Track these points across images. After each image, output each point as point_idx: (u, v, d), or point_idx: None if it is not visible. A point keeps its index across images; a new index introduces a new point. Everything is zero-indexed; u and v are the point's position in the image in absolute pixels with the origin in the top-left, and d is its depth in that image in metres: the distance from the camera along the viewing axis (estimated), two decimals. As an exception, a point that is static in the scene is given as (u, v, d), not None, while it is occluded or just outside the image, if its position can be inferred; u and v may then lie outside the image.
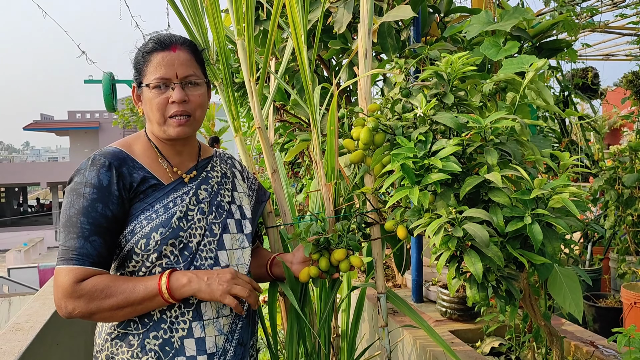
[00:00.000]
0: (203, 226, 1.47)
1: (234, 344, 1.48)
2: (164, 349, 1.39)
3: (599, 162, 3.98)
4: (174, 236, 1.40)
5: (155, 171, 1.45)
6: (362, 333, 2.92)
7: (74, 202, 1.35)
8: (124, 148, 1.45)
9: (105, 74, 9.57)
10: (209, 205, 1.50)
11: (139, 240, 1.37)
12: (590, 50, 7.07)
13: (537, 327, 2.08)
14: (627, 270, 4.10)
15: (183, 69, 1.42)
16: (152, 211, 1.40)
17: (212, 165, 1.58)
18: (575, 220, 1.33)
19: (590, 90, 4.94)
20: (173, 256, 1.41)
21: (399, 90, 1.52)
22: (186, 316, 1.41)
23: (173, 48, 1.42)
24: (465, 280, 1.38)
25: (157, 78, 1.40)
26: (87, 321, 2.97)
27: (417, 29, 2.42)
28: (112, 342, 1.41)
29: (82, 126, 33.56)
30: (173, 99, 1.40)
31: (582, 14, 4.67)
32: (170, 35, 1.46)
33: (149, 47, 1.43)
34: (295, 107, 2.92)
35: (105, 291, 1.32)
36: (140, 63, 1.44)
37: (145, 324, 1.40)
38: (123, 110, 12.95)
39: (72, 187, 1.37)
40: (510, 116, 1.35)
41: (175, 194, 1.44)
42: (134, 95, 1.50)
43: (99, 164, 1.37)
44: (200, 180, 1.51)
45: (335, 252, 1.58)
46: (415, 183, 1.32)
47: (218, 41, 1.71)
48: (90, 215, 1.33)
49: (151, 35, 1.48)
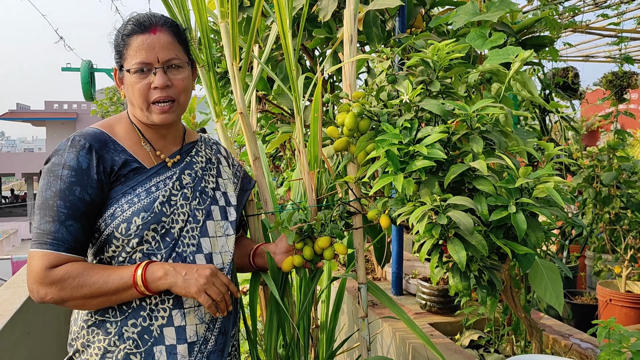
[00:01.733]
0: (186, 212, 1.42)
1: (215, 333, 1.44)
2: (142, 337, 1.35)
3: (578, 161, 4.02)
4: (156, 221, 1.35)
5: (137, 154, 1.40)
6: (341, 325, 2.90)
7: (51, 184, 1.29)
8: (106, 129, 1.39)
9: (84, 62, 9.41)
10: (193, 190, 1.46)
11: (120, 224, 1.33)
12: (572, 51, 7.16)
13: (516, 320, 2.08)
14: (602, 268, 4.16)
15: (164, 53, 1.36)
16: (134, 195, 1.35)
17: (197, 150, 1.54)
18: (559, 211, 1.32)
19: (570, 89, 4.99)
20: (154, 242, 1.36)
21: (385, 76, 1.49)
22: (166, 304, 1.37)
23: (153, 30, 1.36)
24: (447, 269, 1.36)
25: (137, 63, 1.34)
26: (60, 310, 2.92)
27: (402, 20, 2.40)
28: (89, 330, 1.36)
29: (59, 117, 32.96)
30: (155, 84, 1.35)
31: (565, 13, 4.71)
32: (150, 15, 1.39)
33: (129, 29, 1.36)
34: (278, 96, 2.88)
35: (78, 279, 1.28)
36: (120, 46, 1.38)
37: (124, 311, 1.35)
38: (102, 99, 12.73)
39: (49, 168, 1.31)
40: (497, 104, 1.33)
41: (157, 178, 1.40)
42: (116, 78, 1.45)
43: (79, 145, 1.32)
44: (184, 165, 1.47)
45: (319, 239, 1.56)
46: (399, 170, 1.30)
47: (200, 22, 1.67)
48: (68, 198, 1.29)
49: (130, 15, 1.41)
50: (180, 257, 1.39)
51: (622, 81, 6.61)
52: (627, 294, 3.68)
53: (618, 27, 5.82)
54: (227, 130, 1.83)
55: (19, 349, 2.21)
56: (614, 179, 3.44)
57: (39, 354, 2.48)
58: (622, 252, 3.67)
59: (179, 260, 1.39)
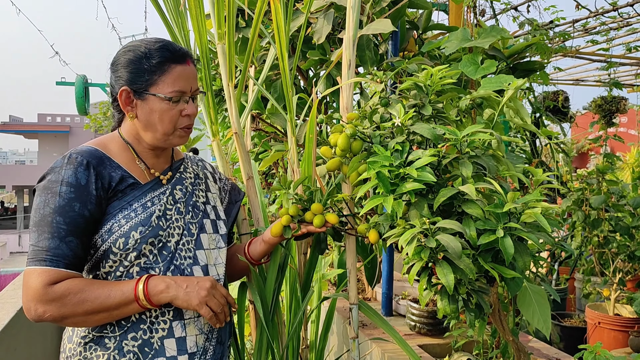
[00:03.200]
0: (181, 225, 1.45)
1: (214, 343, 1.46)
2: (143, 350, 1.35)
3: (567, 183, 4.06)
4: (153, 235, 1.37)
5: (132, 171, 1.42)
6: (330, 346, 2.90)
7: (49, 201, 1.30)
8: (100, 147, 1.41)
9: (79, 76, 9.43)
10: (185, 205, 1.49)
11: (117, 239, 1.34)
12: (562, 75, 7.27)
13: (504, 343, 2.09)
14: (592, 291, 4.17)
15: (195, 83, 1.44)
16: (131, 210, 1.37)
17: (185, 166, 1.57)
18: (546, 236, 1.34)
19: (560, 113, 5.07)
20: (152, 255, 1.38)
21: (379, 99, 1.52)
22: (167, 316, 1.38)
23: (188, 61, 1.43)
24: (436, 292, 1.38)
25: (176, 91, 1.38)
26: (47, 326, 2.89)
27: (395, 44, 2.44)
28: (86, 347, 1.36)
29: (52, 129, 32.89)
30: (187, 112, 1.41)
31: (555, 39, 4.80)
32: (178, 46, 1.45)
33: (166, 56, 1.39)
34: (271, 116, 2.90)
35: (79, 295, 1.28)
36: (152, 71, 1.37)
37: (123, 325, 1.35)
38: (96, 114, 12.72)
39: (46, 185, 1.31)
40: (487, 130, 1.36)
41: (152, 193, 1.43)
42: (121, 99, 1.40)
43: (77, 162, 1.33)
44: (175, 181, 1.50)
45: (313, 205, 1.55)
46: (389, 192, 1.32)
47: (200, 43, 1.69)
48: (68, 214, 1.29)
49: (156, 41, 1.42)
50: (178, 270, 1.41)
51: (611, 106, 6.70)
52: (615, 317, 3.70)
53: (607, 52, 5.93)
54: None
55: (5, 365, 2.19)
56: (602, 202, 3.48)
57: (25, 370, 2.45)
58: (611, 275, 3.69)
59: (177, 272, 1.40)
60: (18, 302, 2.58)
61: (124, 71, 1.39)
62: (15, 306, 2.51)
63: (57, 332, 3.20)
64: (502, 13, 4.94)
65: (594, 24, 5.23)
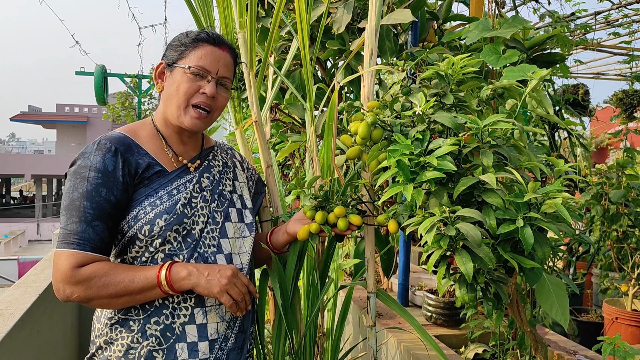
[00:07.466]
0: (206, 214, 1.47)
1: (235, 331, 1.49)
2: (165, 335, 1.38)
3: (586, 177, 4.02)
4: (178, 222, 1.39)
5: (160, 158, 1.45)
6: (345, 335, 2.91)
7: (78, 186, 1.33)
8: (130, 134, 1.44)
9: (98, 66, 9.51)
10: (211, 193, 1.51)
11: (143, 226, 1.36)
12: (582, 68, 7.17)
13: (521, 335, 2.09)
14: (609, 286, 4.14)
15: (223, 70, 1.46)
16: (156, 197, 1.39)
17: (214, 154, 1.59)
18: (567, 227, 1.33)
19: (580, 106, 5.00)
20: (176, 242, 1.40)
21: (400, 88, 1.52)
22: (188, 302, 1.40)
23: (223, 47, 1.47)
24: (454, 280, 1.38)
25: (199, 66, 1.42)
26: (67, 310, 2.94)
27: (415, 34, 2.43)
28: (112, 327, 1.40)
29: (70, 120, 33.25)
30: (205, 90, 1.42)
31: (576, 31, 4.73)
32: (221, 35, 1.51)
33: (201, 36, 1.45)
34: (289, 106, 2.91)
35: (104, 279, 1.31)
36: (185, 45, 1.45)
37: (146, 309, 1.39)
38: (114, 104, 12.84)
39: (76, 170, 1.35)
40: (508, 120, 1.35)
41: (179, 181, 1.45)
42: (156, 73, 1.50)
43: (105, 148, 1.36)
44: (203, 169, 1.52)
45: (335, 208, 1.56)
46: (409, 180, 1.32)
47: (226, 32, 1.71)
48: (94, 199, 1.32)
49: (199, 31, 1.49)
50: (202, 258, 1.43)
51: (632, 99, 6.61)
52: (633, 313, 3.66)
53: (629, 45, 5.84)
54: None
55: (28, 347, 2.24)
56: (622, 197, 3.44)
57: (46, 353, 2.50)
58: (629, 270, 3.65)
59: (201, 260, 1.43)
60: (40, 286, 2.63)
61: (168, 50, 1.48)
62: (37, 290, 2.56)
63: (77, 319, 3.25)
64: (523, 5, 4.89)
65: (616, 16, 5.15)
